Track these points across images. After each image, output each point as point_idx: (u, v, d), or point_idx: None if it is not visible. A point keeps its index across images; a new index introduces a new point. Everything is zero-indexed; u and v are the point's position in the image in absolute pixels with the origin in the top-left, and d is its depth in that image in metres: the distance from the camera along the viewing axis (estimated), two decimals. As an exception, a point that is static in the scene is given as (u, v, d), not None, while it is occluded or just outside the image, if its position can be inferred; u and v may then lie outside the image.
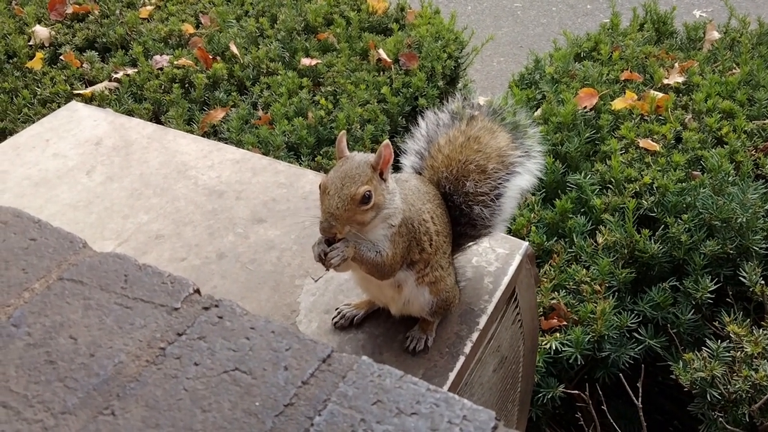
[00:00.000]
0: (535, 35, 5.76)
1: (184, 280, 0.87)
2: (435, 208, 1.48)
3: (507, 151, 1.57)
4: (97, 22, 3.71)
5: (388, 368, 0.77)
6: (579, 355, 2.26)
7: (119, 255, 0.92)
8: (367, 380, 0.75)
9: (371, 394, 0.74)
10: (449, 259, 1.54)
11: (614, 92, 3.08)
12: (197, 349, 0.79)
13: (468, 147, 1.55)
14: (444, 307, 1.52)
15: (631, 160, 2.72)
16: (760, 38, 3.37)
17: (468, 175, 1.54)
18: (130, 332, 0.81)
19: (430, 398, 0.73)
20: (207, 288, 1.70)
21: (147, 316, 0.83)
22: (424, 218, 1.43)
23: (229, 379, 0.76)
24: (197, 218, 1.91)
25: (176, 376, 0.77)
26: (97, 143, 2.19)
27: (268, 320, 0.82)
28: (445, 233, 1.50)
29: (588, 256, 2.47)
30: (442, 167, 1.56)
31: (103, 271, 0.89)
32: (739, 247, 2.36)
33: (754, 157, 2.65)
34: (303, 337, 0.80)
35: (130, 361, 0.78)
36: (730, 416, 2.10)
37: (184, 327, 0.82)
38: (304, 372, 0.76)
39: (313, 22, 3.67)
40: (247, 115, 3.10)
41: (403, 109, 3.24)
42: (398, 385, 0.75)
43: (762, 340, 2.10)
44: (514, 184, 1.57)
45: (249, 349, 0.79)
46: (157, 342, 0.80)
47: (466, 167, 1.54)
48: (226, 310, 0.84)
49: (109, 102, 3.14)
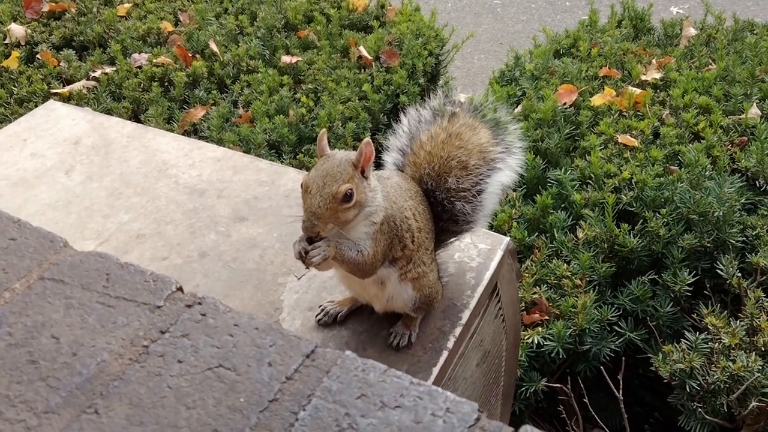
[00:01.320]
0: (515, 32, 5.79)
1: (167, 278, 0.87)
2: (417, 204, 1.49)
3: (488, 148, 1.58)
4: (74, 20, 3.66)
5: (371, 362, 0.77)
6: (561, 349, 2.28)
7: (101, 254, 0.91)
8: (351, 375, 0.76)
9: (355, 389, 0.74)
10: (432, 255, 1.55)
11: (593, 88, 3.11)
12: (181, 347, 0.79)
13: (449, 143, 1.56)
14: (427, 302, 1.53)
15: (610, 155, 2.75)
16: (736, 34, 3.43)
17: (450, 171, 1.55)
18: (113, 331, 0.81)
19: (413, 391, 0.74)
20: (189, 287, 1.69)
21: (129, 314, 0.82)
22: (406, 215, 1.43)
23: (213, 375, 0.76)
24: (178, 217, 1.90)
25: (160, 374, 0.77)
26: (76, 142, 2.17)
27: (252, 317, 0.82)
28: (427, 230, 1.51)
29: (569, 251, 2.50)
30: (424, 163, 1.57)
31: (84, 270, 0.89)
32: (716, 240, 2.40)
33: (730, 152, 2.69)
34: (287, 333, 0.80)
35: (113, 359, 0.78)
36: (708, 406, 2.13)
37: (167, 325, 0.81)
38: (288, 367, 0.77)
39: (293, 19, 3.66)
40: (228, 113, 3.09)
41: (385, 107, 3.25)
42: (382, 379, 0.75)
43: (739, 331, 2.14)
44: (496, 180, 1.58)
45: (233, 346, 0.79)
46: (140, 340, 0.80)
47: (448, 163, 1.55)
48: (209, 308, 0.84)
49: (87, 101, 3.11)
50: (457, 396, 0.73)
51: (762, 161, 2.53)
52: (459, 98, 1.74)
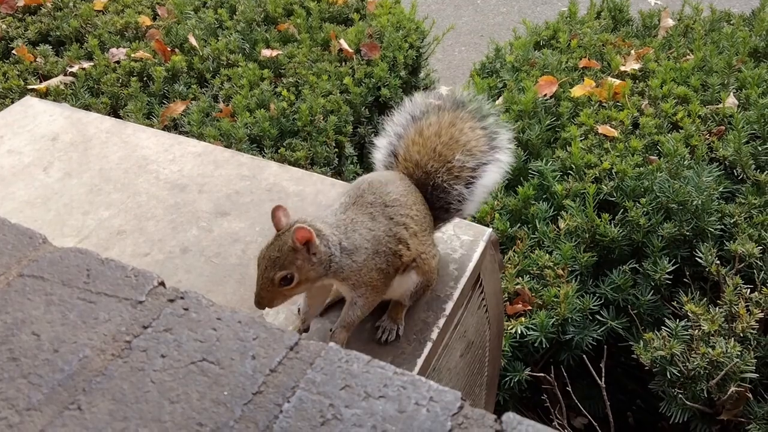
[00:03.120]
0: (495, 24, 5.81)
1: (148, 273, 0.86)
2: (411, 206, 1.49)
3: (490, 134, 1.62)
4: (50, 14, 3.61)
5: (355, 353, 0.78)
6: (544, 339, 2.30)
7: (81, 249, 0.90)
8: (334, 366, 0.76)
9: (339, 380, 0.75)
10: (431, 235, 1.57)
11: (573, 80, 3.13)
12: (163, 341, 0.79)
13: (453, 127, 1.59)
14: (425, 286, 1.54)
15: (590, 146, 2.77)
16: (713, 24, 3.46)
17: (454, 152, 1.57)
18: (95, 326, 0.80)
19: (397, 381, 0.74)
20: (171, 282, 1.68)
21: (111, 310, 0.82)
22: (395, 235, 1.43)
23: (197, 369, 0.76)
24: (159, 213, 1.88)
25: (143, 369, 0.76)
26: (54, 138, 2.14)
27: (235, 311, 0.82)
28: (424, 222, 1.52)
29: (550, 242, 2.52)
30: (429, 144, 1.59)
31: (64, 266, 0.88)
32: (695, 228, 2.44)
33: (708, 141, 2.73)
34: (270, 326, 0.80)
35: (95, 355, 0.78)
36: (689, 392, 2.17)
37: (149, 320, 0.81)
38: (272, 360, 0.77)
39: (273, 12, 3.64)
40: (208, 107, 3.06)
41: (366, 100, 3.24)
42: (366, 370, 0.76)
43: (718, 318, 2.17)
44: (497, 159, 1.62)
45: (216, 340, 0.79)
46: (123, 335, 0.79)
47: (453, 145, 1.58)
48: (192, 302, 0.84)
49: (64, 96, 3.07)
50: (440, 385, 0.74)
51: (739, 150, 2.57)
52: (440, 91, 1.76)
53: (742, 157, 2.56)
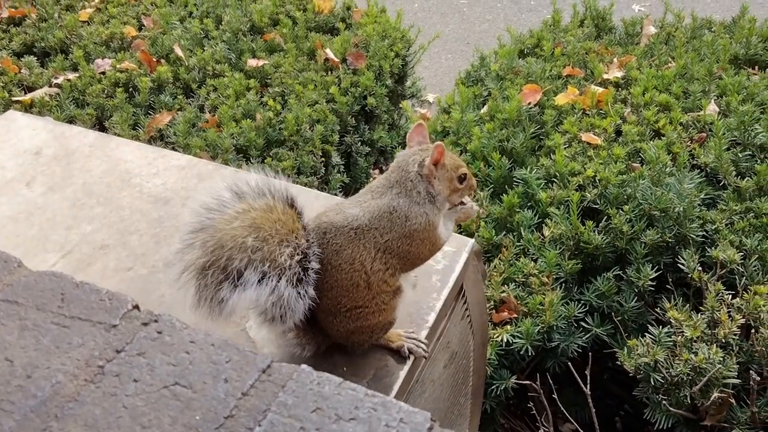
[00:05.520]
0: (481, 31, 5.84)
1: (122, 296, 0.87)
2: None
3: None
4: (35, 26, 3.60)
5: (327, 375, 0.79)
6: (530, 346, 2.31)
7: (55, 273, 0.90)
8: (306, 388, 0.77)
9: (310, 402, 0.75)
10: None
11: (557, 88, 3.16)
12: (136, 366, 0.79)
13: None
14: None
15: (574, 153, 2.79)
16: (694, 32, 3.50)
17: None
18: (68, 351, 0.81)
19: (368, 403, 0.75)
20: (155, 297, 1.68)
21: (85, 334, 0.82)
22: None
23: (169, 394, 0.77)
24: (143, 227, 1.88)
25: (115, 394, 0.77)
26: (37, 153, 2.14)
27: (208, 333, 0.82)
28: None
29: (536, 249, 2.53)
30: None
31: (39, 291, 0.88)
32: (677, 235, 2.46)
33: (690, 148, 2.75)
34: (243, 349, 0.81)
35: (68, 381, 0.78)
36: (673, 399, 2.18)
37: (122, 344, 0.81)
38: (244, 383, 0.77)
39: (259, 22, 3.64)
40: (194, 118, 3.07)
41: (352, 109, 3.25)
42: (337, 392, 0.76)
43: (700, 324, 2.19)
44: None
45: (189, 363, 0.79)
46: (96, 360, 0.80)
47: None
48: (166, 325, 0.84)
49: (49, 108, 3.06)
50: (410, 406, 0.75)
51: (720, 157, 2.59)
52: (428, 98, 1.78)
53: (723, 163, 2.59)
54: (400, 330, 1.59)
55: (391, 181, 1.46)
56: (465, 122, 3.03)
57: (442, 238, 1.53)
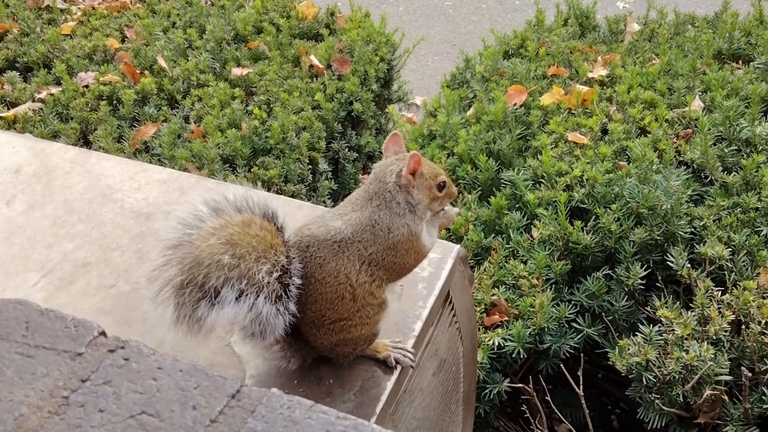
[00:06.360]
0: (467, 33, 5.84)
1: (89, 322, 0.85)
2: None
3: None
4: (17, 40, 3.58)
5: (297, 399, 0.77)
6: (521, 349, 2.30)
7: (20, 301, 0.89)
8: (276, 413, 0.75)
9: (281, 427, 0.74)
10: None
11: (542, 88, 3.15)
12: (102, 395, 0.78)
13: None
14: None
15: (561, 153, 2.78)
16: (677, 28, 3.50)
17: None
18: (32, 382, 0.79)
19: (339, 426, 0.74)
20: (138, 314, 1.67)
21: (49, 364, 0.81)
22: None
23: (136, 423, 0.75)
24: (125, 243, 1.86)
25: (80, 426, 0.75)
26: (17, 171, 2.12)
27: (176, 358, 0.81)
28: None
29: (525, 251, 2.52)
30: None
31: (3, 320, 0.86)
32: (665, 233, 2.45)
33: (676, 145, 2.75)
34: (212, 374, 0.80)
35: (32, 413, 0.76)
36: (665, 398, 2.17)
37: (88, 372, 0.80)
38: (213, 410, 0.76)
39: (243, 30, 3.63)
40: (180, 129, 3.05)
41: (339, 115, 3.24)
42: (308, 416, 0.75)
43: (691, 321, 2.18)
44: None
45: (156, 391, 0.78)
46: (60, 391, 0.78)
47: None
48: (133, 351, 0.83)
49: (33, 123, 3.04)
50: (382, 428, 0.73)
51: (706, 153, 2.59)
52: (415, 102, 1.77)
53: (709, 159, 2.58)
54: (387, 340, 1.57)
55: (370, 192, 1.45)
56: (451, 125, 3.02)
57: (426, 246, 1.52)
